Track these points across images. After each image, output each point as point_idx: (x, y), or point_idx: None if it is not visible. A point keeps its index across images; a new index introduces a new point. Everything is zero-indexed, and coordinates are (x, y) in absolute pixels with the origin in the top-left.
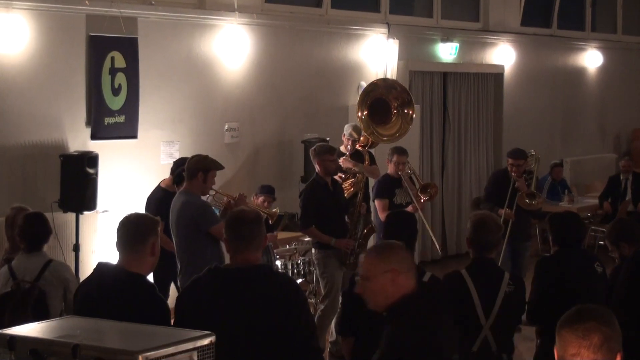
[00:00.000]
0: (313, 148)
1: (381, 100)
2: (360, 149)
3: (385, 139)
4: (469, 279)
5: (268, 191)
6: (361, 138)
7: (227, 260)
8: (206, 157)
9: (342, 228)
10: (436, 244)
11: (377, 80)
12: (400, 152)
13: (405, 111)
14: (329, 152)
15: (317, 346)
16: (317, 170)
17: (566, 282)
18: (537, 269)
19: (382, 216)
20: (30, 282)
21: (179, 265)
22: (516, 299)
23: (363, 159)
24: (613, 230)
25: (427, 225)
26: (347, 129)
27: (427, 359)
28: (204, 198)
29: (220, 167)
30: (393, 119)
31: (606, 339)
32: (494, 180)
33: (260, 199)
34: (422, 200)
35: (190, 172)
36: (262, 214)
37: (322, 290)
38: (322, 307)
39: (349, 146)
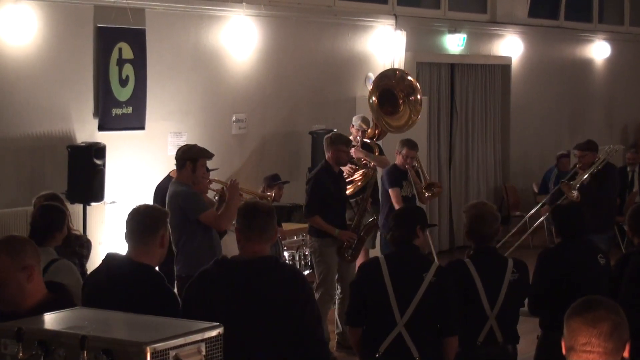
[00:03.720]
0: (329, 136)
1: (389, 91)
2: (368, 141)
3: (392, 129)
4: (472, 268)
5: (277, 179)
6: (369, 130)
7: (219, 247)
8: (194, 146)
9: (342, 219)
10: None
11: (386, 70)
12: (411, 145)
13: (412, 99)
14: (345, 143)
15: (322, 337)
16: (327, 159)
17: (568, 273)
18: (540, 260)
19: (398, 205)
20: None
21: (175, 253)
22: (520, 286)
23: (372, 151)
24: (631, 218)
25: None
26: (355, 120)
27: None
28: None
29: (209, 155)
30: (401, 109)
31: (616, 327)
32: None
33: (275, 189)
34: (425, 196)
35: (179, 162)
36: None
37: (316, 277)
38: (317, 295)
39: (358, 137)
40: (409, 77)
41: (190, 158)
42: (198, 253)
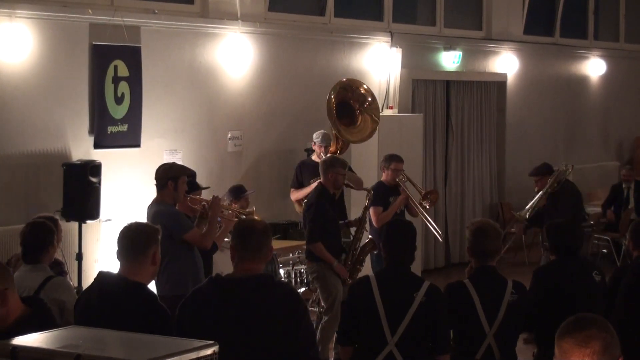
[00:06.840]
0: (325, 160)
1: (345, 103)
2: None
3: (353, 140)
4: (472, 289)
5: (243, 190)
6: (332, 147)
7: (201, 265)
8: (173, 164)
9: (340, 241)
10: (437, 231)
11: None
12: (399, 159)
13: (366, 105)
14: (342, 166)
15: (317, 357)
16: (323, 182)
17: (563, 290)
18: (535, 277)
19: (377, 225)
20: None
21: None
22: (519, 307)
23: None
24: (633, 232)
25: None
26: (316, 137)
27: None
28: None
29: (190, 172)
30: (359, 121)
31: (607, 345)
32: None
33: (242, 202)
34: (427, 207)
35: (161, 182)
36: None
37: (323, 303)
38: (325, 318)
39: (321, 154)
40: (362, 87)
41: (172, 177)
42: (182, 272)
